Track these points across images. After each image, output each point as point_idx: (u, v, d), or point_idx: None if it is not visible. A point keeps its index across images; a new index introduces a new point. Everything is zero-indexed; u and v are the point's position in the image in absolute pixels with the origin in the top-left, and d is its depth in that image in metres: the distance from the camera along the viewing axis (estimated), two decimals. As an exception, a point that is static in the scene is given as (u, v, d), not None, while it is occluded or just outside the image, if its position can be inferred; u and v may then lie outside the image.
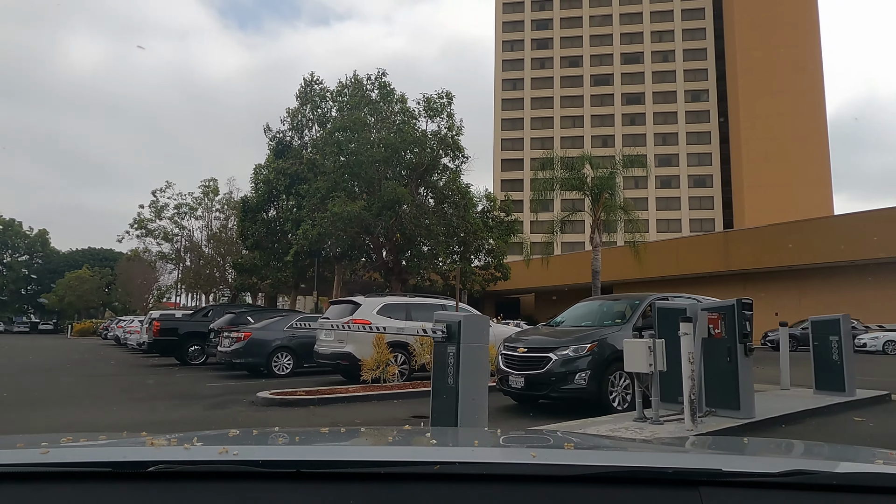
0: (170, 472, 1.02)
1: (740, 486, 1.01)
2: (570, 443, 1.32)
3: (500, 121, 79.20)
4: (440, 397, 5.08)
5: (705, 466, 1.08)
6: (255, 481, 1.03)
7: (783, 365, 8.93)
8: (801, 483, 1.00)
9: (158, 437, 1.30)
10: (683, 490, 0.99)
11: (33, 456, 1.08)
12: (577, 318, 8.81)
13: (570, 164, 25.54)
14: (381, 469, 1.04)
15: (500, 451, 1.39)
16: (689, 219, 70.48)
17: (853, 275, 28.52)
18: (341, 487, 1.00)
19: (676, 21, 74.43)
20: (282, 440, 1.45)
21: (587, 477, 1.02)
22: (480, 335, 5.07)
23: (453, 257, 21.57)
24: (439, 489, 1.01)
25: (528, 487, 1.01)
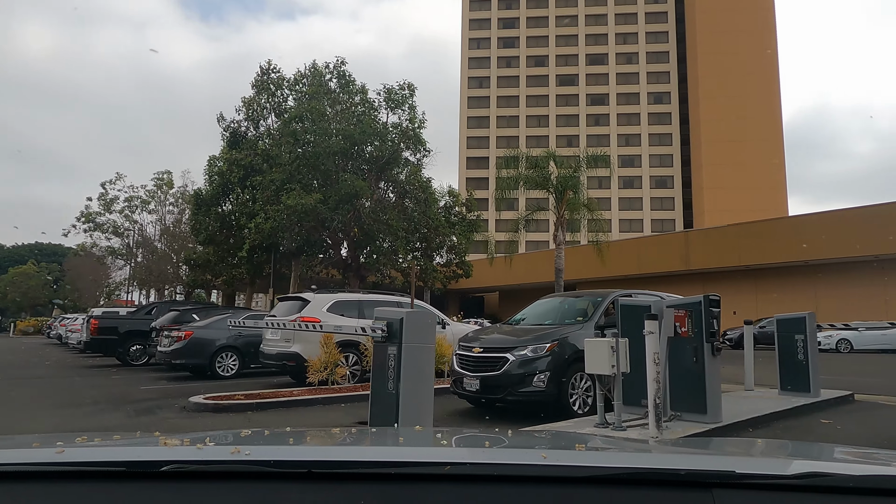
0: (183, 472, 1.02)
1: (754, 488, 0.99)
2: (582, 444, 1.29)
3: (466, 119, 78.92)
4: (379, 404, 4.49)
5: (719, 468, 1.05)
6: (266, 481, 1.02)
7: (748, 365, 8.65)
8: (816, 486, 0.98)
9: (172, 437, 1.31)
10: (696, 492, 0.97)
11: (49, 455, 1.09)
12: (538, 317, 8.33)
13: (534, 161, 25.27)
14: (392, 469, 1.03)
15: (510, 452, 1.35)
16: (651, 219, 71.53)
17: (807, 274, 29.09)
18: (352, 488, 0.99)
19: (640, 24, 75.42)
20: (293, 440, 1.43)
21: (598, 478, 1.00)
22: (425, 334, 4.50)
23: (414, 254, 20.98)
24: (450, 489, 1.00)
25: (539, 488, 0.99)
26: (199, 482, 1.03)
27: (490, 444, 1.35)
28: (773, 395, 8.18)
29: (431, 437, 1.64)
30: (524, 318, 8.42)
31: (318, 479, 1.02)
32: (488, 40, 78.97)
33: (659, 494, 0.99)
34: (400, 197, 20.39)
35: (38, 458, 1.12)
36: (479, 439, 1.51)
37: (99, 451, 1.23)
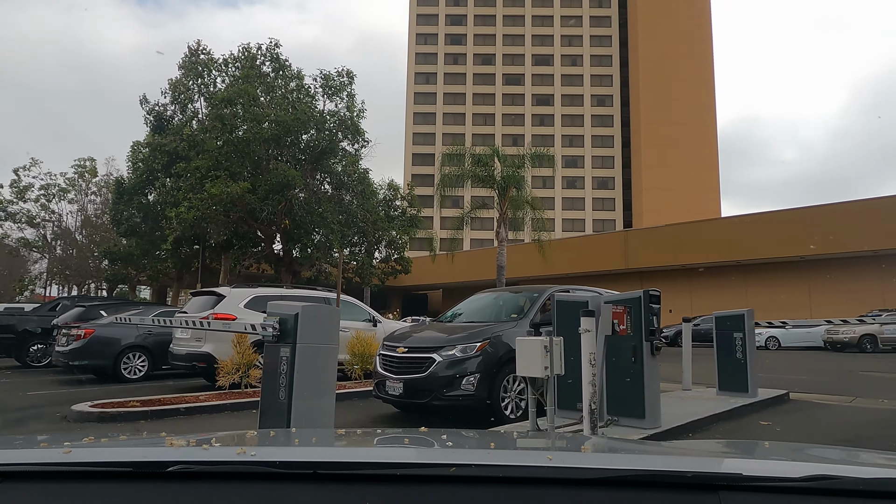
0: (189, 473, 1.02)
1: (761, 490, 0.99)
2: (587, 445, 1.30)
3: (413, 114, 78.13)
4: (268, 416, 3.75)
5: (725, 471, 1.06)
6: (272, 482, 1.02)
7: (685, 364, 8.37)
8: (824, 488, 0.97)
9: (178, 437, 1.29)
10: (703, 494, 0.96)
11: (56, 455, 1.09)
12: (472, 314, 7.75)
13: (478, 158, 24.86)
14: (398, 471, 1.03)
15: (516, 454, 1.32)
16: (593, 219, 72.90)
17: (739, 274, 30.00)
18: (358, 488, 0.99)
19: (585, 27, 76.67)
20: (299, 441, 1.43)
21: (604, 480, 1.00)
22: (326, 332, 3.79)
23: (352, 249, 20.10)
24: (455, 491, 0.99)
25: (545, 490, 0.98)
26: (205, 482, 1.02)
27: (496, 445, 1.32)
28: (712, 394, 7.92)
29: (437, 439, 1.61)
30: (457, 315, 7.83)
31: (324, 479, 1.02)
32: (436, 36, 78.42)
33: (666, 497, 0.98)
34: (337, 189, 19.46)
35: (46, 458, 1.12)
36: (484, 440, 1.50)
37: (106, 452, 1.24)
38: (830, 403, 8.08)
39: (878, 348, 21.00)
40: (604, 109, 75.14)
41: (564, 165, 74.84)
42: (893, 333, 21.13)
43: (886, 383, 10.82)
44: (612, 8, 76.84)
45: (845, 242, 25.80)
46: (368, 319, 11.25)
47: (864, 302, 24.75)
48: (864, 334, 21.08)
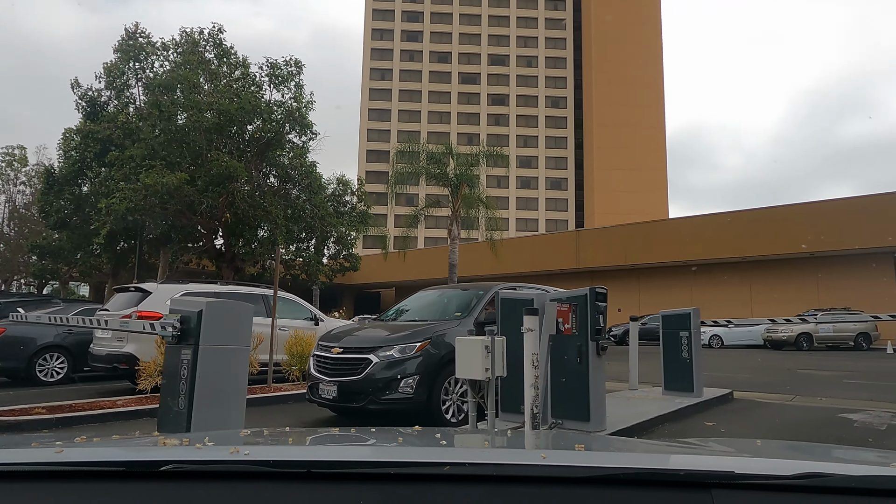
0: (182, 472, 1.02)
1: (753, 488, 0.99)
2: (581, 444, 1.28)
3: (368, 111, 77.15)
4: (166, 427, 3.28)
5: (718, 468, 1.05)
6: (266, 481, 1.02)
7: (632, 363, 8.25)
8: (816, 486, 0.98)
9: (171, 436, 1.29)
10: (695, 492, 0.96)
11: (48, 455, 1.09)
12: (415, 312, 7.38)
13: (431, 155, 24.55)
14: (392, 469, 1.03)
15: (509, 452, 1.34)
16: (546, 219, 73.75)
17: (686, 274, 30.72)
18: (352, 488, 0.99)
19: (540, 29, 77.45)
20: (292, 440, 1.39)
21: (597, 478, 1.00)
22: (235, 332, 3.35)
23: (299, 245, 19.40)
24: (449, 490, 0.99)
25: (538, 488, 0.98)
26: (198, 482, 1.02)
27: (489, 443, 1.38)
28: (658, 394, 7.81)
29: (431, 437, 1.59)
30: (401, 313, 7.45)
31: (318, 479, 1.02)
32: (392, 32, 77.64)
33: (659, 495, 0.98)
34: (283, 182, 18.71)
35: (38, 457, 1.11)
36: (478, 439, 1.55)
37: (98, 451, 1.21)
38: (772, 402, 8.11)
39: (814, 346, 21.81)
40: (558, 111, 76.11)
41: (519, 165, 75.47)
42: (827, 332, 21.99)
43: (822, 381, 11.07)
44: (567, 11, 77.91)
45: (784, 244, 26.74)
46: (310, 318, 10.74)
47: (802, 301, 25.70)
48: (800, 333, 21.86)
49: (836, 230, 25.34)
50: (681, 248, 29.79)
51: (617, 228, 35.27)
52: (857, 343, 21.90)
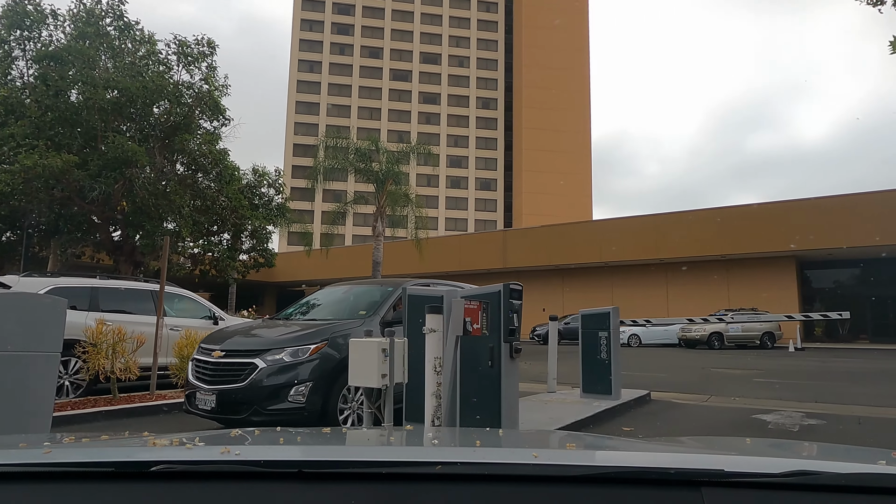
0: (172, 472, 1.01)
1: (743, 486, 0.99)
2: (572, 442, 1.30)
3: (295, 103, 74.71)
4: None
5: (708, 467, 1.05)
6: (257, 481, 1.01)
7: (551, 365, 7.90)
8: (805, 483, 0.98)
9: (161, 437, 1.29)
10: (686, 490, 0.97)
11: (36, 455, 1.08)
12: (318, 310, 6.68)
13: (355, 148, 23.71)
14: (383, 469, 1.03)
15: (501, 451, 1.32)
16: (475, 219, 74.12)
17: (607, 274, 31.42)
18: (343, 487, 0.99)
19: (472, 29, 77.76)
20: (283, 440, 1.37)
21: (589, 477, 1.00)
22: (37, 334, 2.56)
23: (209, 238, 18.01)
24: (441, 489, 0.99)
25: (530, 487, 0.99)
26: (188, 482, 1.01)
27: (481, 443, 1.31)
28: (576, 397, 7.49)
29: (423, 437, 1.61)
30: (302, 311, 6.71)
31: (309, 478, 1.01)
32: (322, 24, 75.55)
33: (649, 493, 0.98)
34: (191, 170, 17.29)
35: (25, 458, 1.10)
36: (470, 438, 1.47)
37: (87, 452, 1.20)
38: (688, 403, 8.00)
39: (725, 345, 22.72)
40: (488, 112, 76.69)
41: (449, 165, 75.51)
42: (737, 331, 22.97)
43: (734, 380, 11.24)
44: (499, 14, 78.69)
45: (697, 247, 27.82)
46: (209, 317, 9.75)
47: (714, 302, 26.81)
48: (712, 332, 22.71)
49: (744, 234, 26.61)
50: (602, 250, 30.43)
51: (542, 229, 35.68)
52: (763, 342, 23.01)
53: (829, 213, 25.08)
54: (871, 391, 9.31)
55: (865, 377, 11.89)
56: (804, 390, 9.38)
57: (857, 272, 29.47)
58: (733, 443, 1.99)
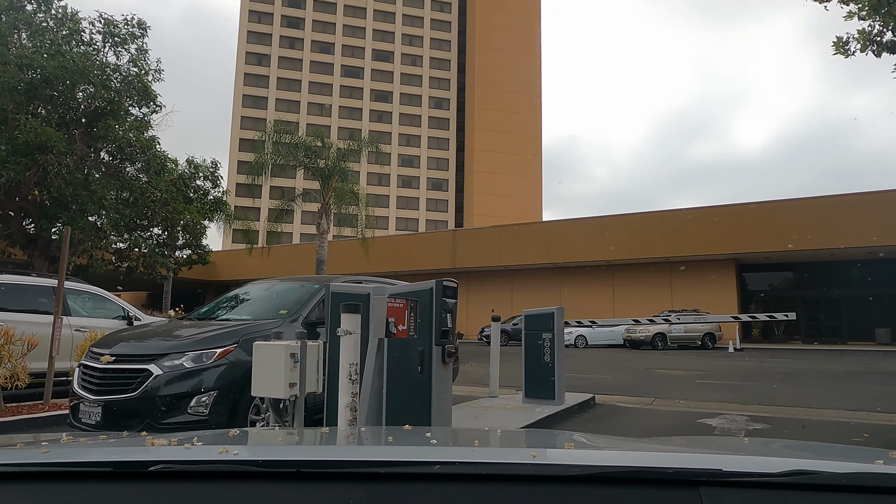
0: (170, 472, 1.01)
1: (741, 485, 0.99)
2: (570, 442, 1.31)
3: (242, 97, 72.36)
4: None
5: (706, 466, 1.05)
6: (255, 481, 1.01)
7: (493, 368, 7.47)
8: (802, 483, 0.99)
9: (159, 436, 1.30)
10: (684, 490, 0.97)
11: (34, 455, 1.08)
12: (236, 308, 6.01)
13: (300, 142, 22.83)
14: (382, 469, 1.03)
15: (500, 451, 1.34)
16: (426, 219, 73.64)
17: (556, 275, 31.52)
18: (342, 487, 0.99)
19: (426, 29, 77.30)
20: (282, 440, 1.39)
21: (587, 477, 1.00)
22: None
23: (137, 233, 16.79)
24: (440, 489, 0.99)
25: (529, 487, 0.99)
26: (186, 482, 1.01)
27: (479, 442, 1.32)
28: (518, 402, 7.09)
29: (421, 437, 1.55)
30: (216, 311, 6.03)
31: (307, 478, 1.01)
32: (271, 16, 73.44)
33: (647, 492, 0.97)
34: (118, 160, 16.06)
35: (23, 458, 1.09)
36: (468, 438, 1.50)
37: (85, 451, 1.21)
38: (633, 406, 7.74)
39: (668, 346, 23.04)
40: (441, 112, 76.39)
41: (400, 164, 74.76)
42: (679, 332, 23.35)
43: (678, 382, 11.17)
44: (453, 14, 78.52)
45: (643, 249, 28.22)
46: (122, 316, 8.86)
47: (658, 303, 27.22)
48: (656, 333, 23.00)
49: (687, 237, 27.16)
50: (551, 251, 30.50)
51: (492, 230, 35.51)
52: (704, 342, 23.47)
53: (768, 217, 25.88)
54: (810, 392, 9.34)
55: (802, 377, 12.06)
56: (746, 392, 9.32)
57: (790, 275, 30.62)
58: (731, 442, 1.96)
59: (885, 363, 15.87)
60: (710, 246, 26.93)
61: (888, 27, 7.17)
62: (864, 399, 8.48)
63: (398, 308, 3.83)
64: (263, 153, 21.00)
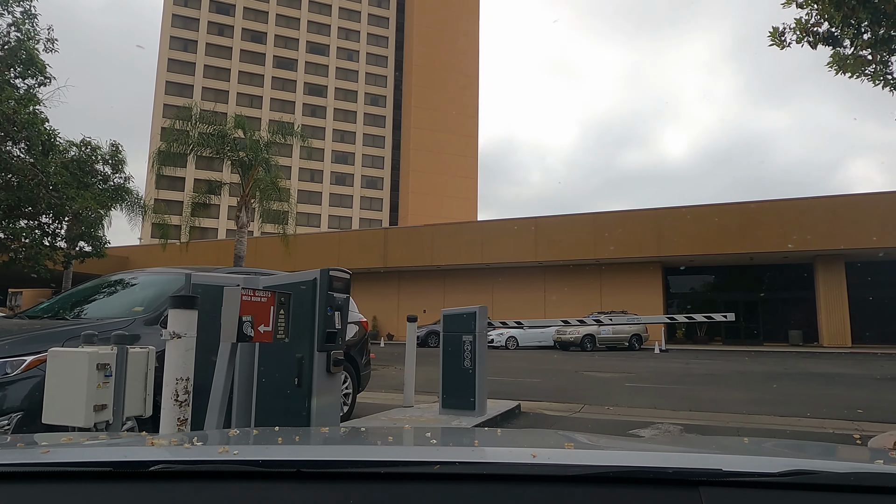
0: (170, 472, 1.01)
1: (741, 485, 0.99)
2: (570, 442, 1.30)
3: (165, 83, 68.28)
4: None
5: (705, 466, 1.04)
6: (255, 481, 1.00)
7: (407, 374, 6.62)
8: (802, 483, 0.98)
9: (159, 436, 1.30)
10: (684, 489, 0.97)
11: (34, 455, 1.08)
12: (86, 305, 4.89)
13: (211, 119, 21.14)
14: (382, 469, 1.02)
15: (500, 451, 1.33)
16: (360, 218, 72.04)
17: (489, 276, 31.11)
18: (342, 487, 0.98)
19: (363, 23, 75.72)
20: (282, 440, 1.36)
21: (587, 477, 1.00)
22: None
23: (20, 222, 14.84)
24: (439, 489, 0.99)
25: (529, 487, 0.98)
26: (186, 482, 1.00)
27: (479, 442, 1.32)
28: (435, 413, 6.29)
29: (421, 437, 1.58)
30: (61, 307, 4.87)
31: (308, 478, 1.01)
32: (198, 0, 69.71)
33: (647, 492, 0.97)
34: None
35: (23, 458, 1.09)
36: (468, 438, 1.47)
37: (85, 451, 1.20)
38: (561, 415, 7.12)
39: (596, 347, 23.02)
40: (377, 109, 75.00)
41: (334, 161, 72.78)
42: (608, 334, 23.39)
43: (607, 385, 10.76)
44: (391, 10, 77.33)
45: (573, 250, 28.26)
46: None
47: (588, 304, 27.29)
48: (585, 334, 22.92)
49: (616, 240, 27.40)
50: (484, 251, 30.06)
51: (425, 228, 34.75)
52: (631, 344, 23.64)
53: (693, 221, 26.47)
54: (738, 396, 9.08)
55: (727, 379, 11.96)
56: (676, 397, 8.94)
57: (712, 279, 31.60)
58: (731, 442, 2.01)
59: (800, 364, 16.25)
60: (638, 249, 27.27)
61: (825, 17, 6.91)
62: (792, 404, 8.26)
63: (259, 304, 2.91)
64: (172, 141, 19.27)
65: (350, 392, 6.11)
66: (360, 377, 6.28)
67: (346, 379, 6.04)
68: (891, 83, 6.74)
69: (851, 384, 10.94)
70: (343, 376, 5.65)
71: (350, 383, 6.06)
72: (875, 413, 7.22)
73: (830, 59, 7.24)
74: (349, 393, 6.09)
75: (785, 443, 1.80)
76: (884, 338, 26.33)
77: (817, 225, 24.42)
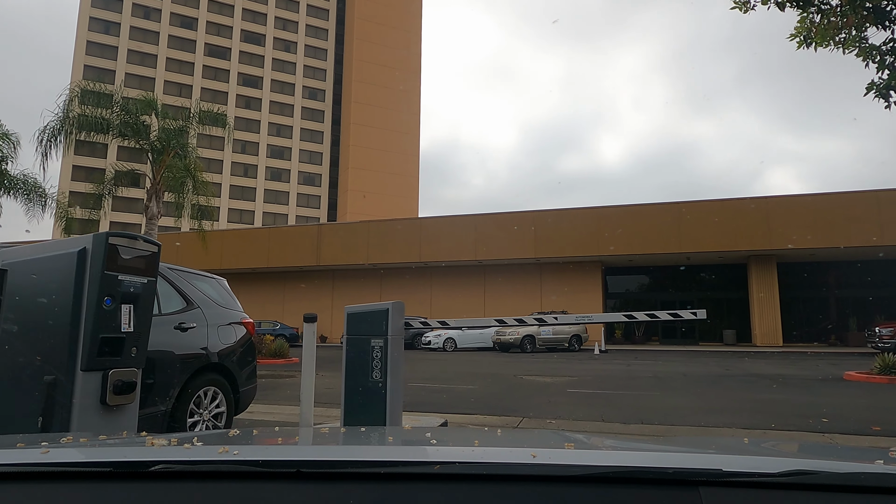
0: (170, 472, 1.01)
1: (741, 486, 0.98)
2: (570, 442, 1.28)
3: (83, 67, 63.36)
4: None
5: (705, 466, 1.03)
6: (255, 481, 1.01)
7: (304, 390, 5.25)
8: (803, 483, 0.98)
9: (159, 436, 1.30)
10: (684, 490, 0.96)
11: (34, 455, 1.07)
12: None
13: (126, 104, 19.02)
14: (382, 469, 1.02)
15: (500, 451, 1.28)
16: (297, 215, 69.38)
17: (427, 275, 29.93)
18: (341, 487, 0.98)
19: (301, 14, 73.10)
20: (282, 440, 1.37)
21: (587, 477, 0.99)
22: None
23: None
24: (439, 489, 0.99)
25: (529, 487, 0.98)
26: (186, 482, 1.00)
27: (479, 442, 1.28)
28: (336, 436, 4.98)
29: (421, 437, 1.57)
30: None
31: (307, 478, 1.00)
32: (121, -21, 65.21)
33: (647, 492, 0.97)
34: None
35: (22, 458, 1.08)
36: (468, 438, 1.42)
37: (85, 452, 1.19)
38: (494, 433, 5.95)
39: (537, 348, 22.23)
40: (315, 103, 72.53)
41: (270, 155, 69.78)
42: (548, 335, 22.66)
43: (548, 391, 9.78)
44: (331, 1, 75.03)
45: (513, 249, 27.49)
46: None
47: (528, 304, 26.57)
48: (525, 335, 22.10)
49: (556, 239, 26.84)
50: (422, 250, 28.88)
51: (360, 225, 33.20)
52: (571, 344, 23.01)
53: (631, 220, 26.23)
54: (688, 403, 8.24)
55: (672, 382, 11.25)
56: (623, 405, 8.00)
57: (648, 279, 31.64)
58: (731, 442, 1.95)
59: (739, 364, 15.94)
60: (577, 248, 26.81)
61: (794, -27, 6.10)
62: (747, 411, 7.46)
63: None
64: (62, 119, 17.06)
65: (223, 412, 4.72)
66: (240, 395, 4.90)
67: (218, 396, 4.65)
68: (866, 50, 5.99)
69: (799, 387, 10.41)
70: (215, 394, 4.27)
71: (223, 402, 4.67)
72: (840, 423, 6.48)
73: (797, 25, 6.46)
74: (222, 413, 4.70)
75: (785, 442, 1.83)
76: (812, 337, 26.95)
77: (751, 226, 24.62)
